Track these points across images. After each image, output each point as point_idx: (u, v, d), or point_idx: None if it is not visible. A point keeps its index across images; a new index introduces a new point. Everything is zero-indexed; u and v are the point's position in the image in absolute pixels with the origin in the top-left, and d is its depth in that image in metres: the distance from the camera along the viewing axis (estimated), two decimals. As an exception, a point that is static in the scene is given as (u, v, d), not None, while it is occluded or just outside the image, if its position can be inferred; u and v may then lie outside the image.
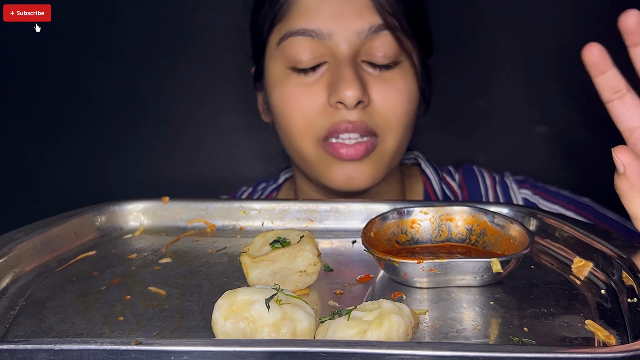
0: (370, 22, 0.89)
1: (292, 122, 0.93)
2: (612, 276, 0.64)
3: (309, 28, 0.90)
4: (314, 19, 0.90)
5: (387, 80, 0.91)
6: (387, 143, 0.93)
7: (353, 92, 0.87)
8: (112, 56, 1.30)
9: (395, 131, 0.93)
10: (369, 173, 0.92)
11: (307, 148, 0.93)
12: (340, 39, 0.90)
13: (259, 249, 0.67)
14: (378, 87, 0.91)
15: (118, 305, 0.62)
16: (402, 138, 0.94)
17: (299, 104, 0.92)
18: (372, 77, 0.91)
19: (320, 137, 0.91)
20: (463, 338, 0.56)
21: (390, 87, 0.91)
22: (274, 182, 1.17)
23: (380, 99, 0.90)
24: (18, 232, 0.71)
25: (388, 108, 0.91)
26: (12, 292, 0.65)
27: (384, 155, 0.93)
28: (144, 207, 0.82)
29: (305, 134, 0.92)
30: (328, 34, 0.89)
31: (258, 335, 0.52)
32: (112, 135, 1.34)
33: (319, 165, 0.94)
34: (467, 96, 1.29)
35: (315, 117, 0.91)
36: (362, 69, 0.91)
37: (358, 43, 0.90)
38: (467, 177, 1.09)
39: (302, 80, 0.92)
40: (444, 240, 0.73)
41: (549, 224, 0.75)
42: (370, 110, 0.90)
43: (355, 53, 0.90)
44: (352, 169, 0.91)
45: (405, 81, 0.93)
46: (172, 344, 0.47)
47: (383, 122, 0.91)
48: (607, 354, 0.46)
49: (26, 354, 0.47)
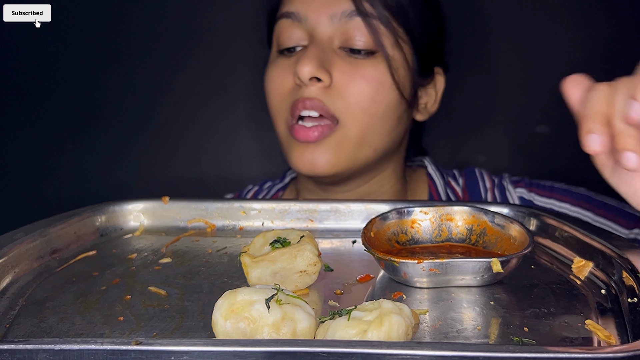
0: (342, 7, 0.92)
1: (270, 103, 0.98)
2: (612, 276, 0.64)
3: (290, 10, 0.95)
4: (294, 2, 0.95)
5: (356, 66, 0.93)
6: (349, 130, 0.93)
7: (307, 68, 0.89)
8: (114, 55, 1.30)
9: (358, 118, 0.93)
10: (326, 157, 0.93)
11: (281, 131, 0.97)
12: (315, 22, 0.94)
13: (259, 249, 0.67)
14: (344, 70, 0.92)
15: (118, 305, 0.62)
16: (370, 128, 0.94)
17: (274, 84, 0.97)
18: (342, 60, 0.93)
19: (287, 119, 0.94)
20: (463, 338, 0.56)
21: (357, 72, 0.92)
22: (280, 181, 1.17)
23: (343, 81, 0.92)
24: (18, 232, 0.71)
25: (351, 93, 0.92)
26: (12, 292, 0.65)
27: (345, 142, 0.93)
28: (144, 207, 0.82)
29: (278, 115, 0.96)
30: (304, 17, 0.94)
31: (258, 335, 0.52)
32: (112, 135, 1.34)
33: (288, 148, 0.96)
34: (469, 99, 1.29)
35: (284, 97, 0.95)
36: (335, 54, 0.93)
37: (331, 28, 0.93)
38: (468, 180, 1.09)
39: (283, 62, 0.96)
40: (444, 240, 0.73)
41: (549, 224, 0.76)
42: (331, 92, 0.92)
43: (330, 37, 0.93)
44: (311, 152, 0.93)
45: (377, 70, 0.93)
46: (172, 344, 0.47)
47: (344, 107, 0.92)
48: (607, 354, 0.46)
49: (26, 354, 0.47)
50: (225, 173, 1.36)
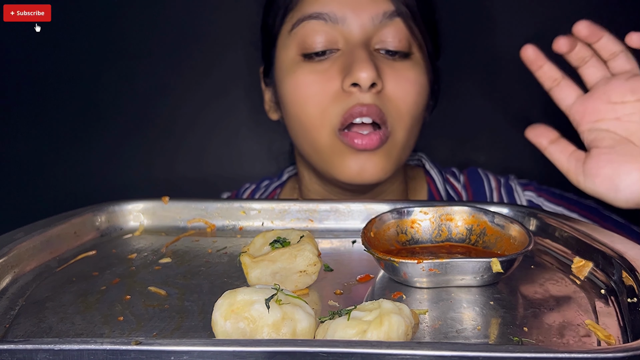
0: (383, 8, 0.90)
1: (305, 112, 0.92)
2: (612, 276, 0.64)
3: (323, 12, 0.90)
4: (327, 3, 0.90)
5: (398, 69, 0.91)
6: (397, 135, 0.92)
7: (368, 73, 0.86)
8: (114, 55, 1.30)
9: (405, 122, 0.92)
10: (381, 165, 0.91)
11: (322, 138, 0.92)
12: (354, 24, 0.90)
13: (259, 249, 0.67)
14: (390, 75, 0.90)
15: (118, 305, 0.62)
16: (411, 131, 0.94)
17: (312, 91, 0.91)
18: (384, 64, 0.91)
19: (336, 126, 0.90)
20: (463, 338, 0.56)
21: (402, 76, 0.91)
22: (278, 179, 1.17)
23: (392, 86, 0.90)
24: (18, 232, 0.71)
25: (400, 97, 0.91)
26: (12, 292, 0.65)
27: (395, 148, 0.93)
28: (144, 207, 0.82)
29: (321, 124, 0.91)
30: (342, 18, 0.90)
31: (258, 335, 0.52)
32: (112, 135, 1.34)
33: (332, 156, 0.92)
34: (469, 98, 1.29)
35: (329, 104, 0.90)
36: (374, 57, 0.91)
37: (371, 29, 0.90)
38: (472, 179, 1.09)
39: (314, 67, 0.91)
40: (444, 240, 0.73)
41: (549, 224, 0.76)
42: (382, 97, 0.90)
43: (368, 39, 0.90)
44: (365, 159, 0.90)
45: (416, 73, 0.93)
46: (172, 344, 0.47)
47: (394, 111, 0.91)
48: (607, 354, 0.46)
49: (26, 354, 0.47)
50: (225, 173, 1.36)
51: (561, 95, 0.79)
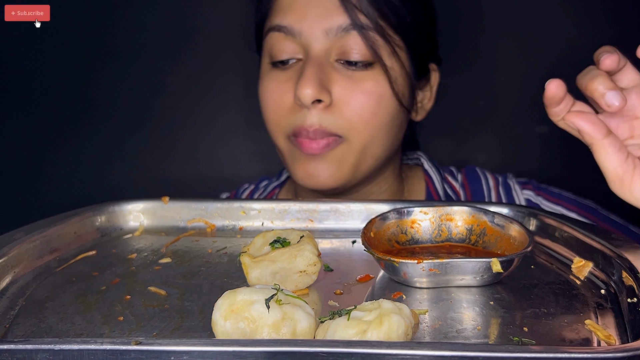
0: (338, 22, 0.90)
1: (267, 117, 0.96)
2: (612, 276, 0.64)
3: (282, 24, 0.92)
4: (286, 16, 0.92)
5: (355, 80, 0.91)
6: (353, 143, 0.92)
7: (309, 90, 0.87)
8: (112, 56, 1.30)
9: (360, 132, 0.91)
10: (329, 172, 0.92)
11: (279, 141, 0.96)
12: (310, 37, 0.91)
13: (259, 249, 0.67)
14: (344, 86, 0.90)
15: (118, 305, 0.62)
16: (370, 139, 0.93)
17: (272, 99, 0.95)
18: (340, 75, 0.91)
19: (289, 134, 0.93)
20: (463, 338, 0.56)
21: (357, 87, 0.90)
22: (277, 179, 1.17)
23: (343, 98, 0.90)
24: (18, 232, 0.71)
25: (352, 109, 0.90)
26: (12, 292, 0.65)
27: (348, 156, 0.93)
28: (144, 207, 0.82)
29: (277, 128, 0.95)
30: (298, 32, 0.91)
31: (258, 335, 0.52)
32: (112, 135, 1.34)
33: (288, 159, 0.96)
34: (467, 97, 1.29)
35: (284, 114, 0.93)
36: (333, 68, 0.91)
37: (328, 42, 0.90)
38: (470, 178, 1.09)
39: (278, 76, 0.94)
40: (444, 240, 0.73)
41: (549, 224, 0.76)
42: (332, 110, 0.90)
43: (326, 51, 0.91)
44: (313, 166, 0.92)
45: (376, 83, 0.91)
46: (172, 344, 0.47)
47: (346, 124, 0.91)
48: (607, 354, 0.46)
49: (26, 354, 0.47)
50: (222, 173, 1.37)
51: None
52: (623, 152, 0.67)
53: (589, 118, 0.66)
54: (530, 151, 1.30)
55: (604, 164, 0.66)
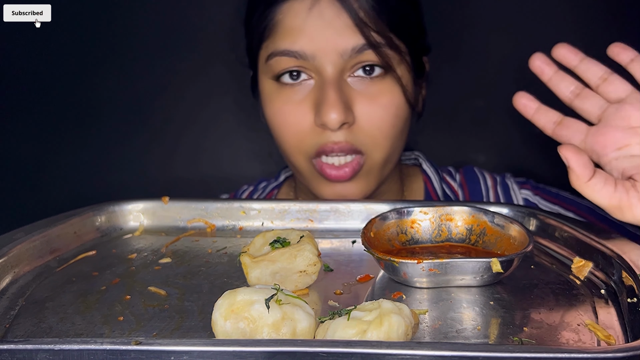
0: (353, 42, 0.88)
1: (284, 139, 0.94)
2: (612, 276, 0.64)
3: (293, 49, 0.89)
4: (297, 40, 0.89)
5: (372, 96, 0.91)
6: (375, 158, 0.93)
7: (336, 116, 0.86)
8: (113, 56, 1.30)
9: (381, 146, 0.92)
10: (358, 190, 0.94)
11: (300, 163, 0.95)
12: (324, 60, 0.89)
13: (259, 249, 0.67)
14: (363, 104, 0.90)
15: (118, 305, 0.62)
16: (390, 150, 0.94)
17: (289, 121, 0.92)
18: (357, 93, 0.90)
19: (311, 155, 0.92)
20: (463, 338, 0.56)
21: (376, 103, 0.90)
22: (275, 180, 1.18)
23: (365, 116, 0.90)
24: (18, 232, 0.71)
25: (374, 125, 0.91)
26: (12, 292, 0.65)
27: (372, 170, 0.94)
28: (144, 207, 0.82)
29: (297, 151, 0.94)
30: (311, 56, 0.89)
31: (258, 335, 0.52)
32: (112, 135, 1.34)
33: (310, 180, 0.95)
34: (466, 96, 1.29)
35: (305, 136, 0.92)
36: (348, 86, 0.90)
37: (341, 63, 0.89)
38: (468, 178, 1.09)
39: (290, 97, 0.92)
40: (444, 240, 0.73)
41: (548, 224, 0.76)
42: (355, 129, 0.90)
43: (339, 72, 0.90)
44: (341, 188, 0.93)
45: (392, 95, 0.92)
46: (172, 344, 0.47)
47: (369, 140, 0.91)
48: (607, 354, 0.46)
49: (26, 354, 0.47)
50: (221, 173, 1.37)
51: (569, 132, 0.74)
52: (610, 183, 0.67)
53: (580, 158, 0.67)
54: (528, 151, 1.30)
55: (596, 200, 0.67)
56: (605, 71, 0.73)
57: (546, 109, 0.75)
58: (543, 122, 0.76)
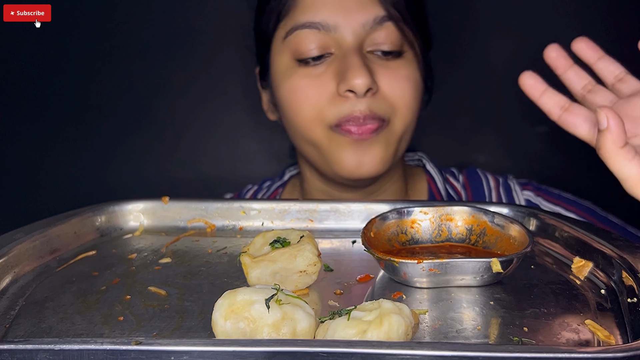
0: (374, 13, 0.92)
1: (301, 114, 0.95)
2: (612, 276, 0.64)
3: (315, 21, 0.92)
4: (319, 11, 0.92)
5: (392, 68, 0.93)
6: (395, 126, 0.95)
7: (363, 80, 0.88)
8: (113, 55, 1.30)
9: (404, 116, 0.95)
10: (379, 156, 0.93)
11: (317, 134, 0.94)
12: (346, 31, 0.92)
13: (259, 249, 0.67)
14: (385, 75, 0.92)
15: (118, 305, 0.62)
16: (409, 122, 0.96)
17: (308, 94, 0.93)
18: (378, 65, 0.93)
19: (332, 125, 0.93)
20: (463, 338, 0.56)
21: (397, 74, 0.93)
22: (279, 179, 1.18)
23: (387, 86, 0.92)
24: (18, 232, 0.71)
25: (396, 94, 0.93)
26: (12, 292, 0.65)
27: (392, 138, 0.95)
28: (144, 207, 0.82)
29: (316, 123, 0.94)
30: (334, 26, 0.92)
31: (258, 335, 0.52)
32: (112, 135, 1.34)
33: (330, 149, 0.94)
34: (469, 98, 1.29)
35: (325, 106, 0.93)
36: (367, 59, 0.93)
37: (363, 34, 0.92)
38: (471, 179, 1.10)
39: (309, 71, 0.94)
40: (444, 240, 0.73)
41: (549, 224, 0.76)
42: (378, 97, 0.92)
43: (360, 43, 0.93)
44: (363, 151, 0.92)
45: (410, 69, 0.95)
46: (172, 344, 0.47)
47: (391, 108, 0.93)
48: (607, 354, 0.46)
49: (26, 354, 0.47)
50: (223, 173, 1.37)
51: (577, 120, 0.73)
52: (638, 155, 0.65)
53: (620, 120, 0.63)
54: (530, 152, 1.30)
55: (623, 169, 0.64)
56: (621, 70, 0.73)
57: (553, 92, 0.75)
58: (549, 107, 0.75)
